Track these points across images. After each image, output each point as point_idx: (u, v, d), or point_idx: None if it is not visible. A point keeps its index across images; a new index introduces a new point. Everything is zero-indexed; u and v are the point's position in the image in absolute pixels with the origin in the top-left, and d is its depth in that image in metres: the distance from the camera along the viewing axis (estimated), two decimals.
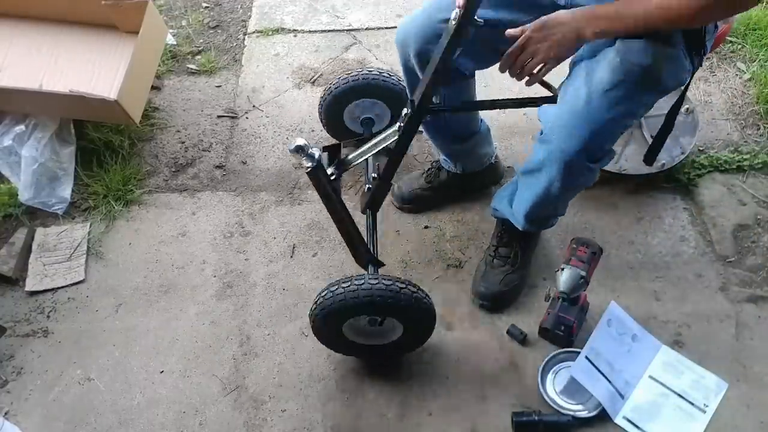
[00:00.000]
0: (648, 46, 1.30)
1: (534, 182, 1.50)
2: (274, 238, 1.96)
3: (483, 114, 1.90)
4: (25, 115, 2.07)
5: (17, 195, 2.02)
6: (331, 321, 1.50)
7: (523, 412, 1.58)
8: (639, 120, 1.99)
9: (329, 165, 1.62)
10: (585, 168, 1.42)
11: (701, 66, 1.47)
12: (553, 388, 1.63)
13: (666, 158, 1.93)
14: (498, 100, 1.54)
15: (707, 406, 1.58)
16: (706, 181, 1.99)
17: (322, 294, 1.49)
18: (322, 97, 1.95)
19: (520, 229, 1.70)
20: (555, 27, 1.27)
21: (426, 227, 1.95)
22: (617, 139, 1.47)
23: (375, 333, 1.60)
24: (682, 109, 2.03)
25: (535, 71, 1.32)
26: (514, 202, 1.66)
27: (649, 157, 1.72)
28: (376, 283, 1.44)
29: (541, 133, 1.45)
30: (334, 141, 2.05)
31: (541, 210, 1.59)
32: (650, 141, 1.96)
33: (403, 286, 1.47)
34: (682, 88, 1.48)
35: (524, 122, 2.17)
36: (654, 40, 1.30)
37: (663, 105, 2.04)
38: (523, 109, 2.13)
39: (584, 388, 1.59)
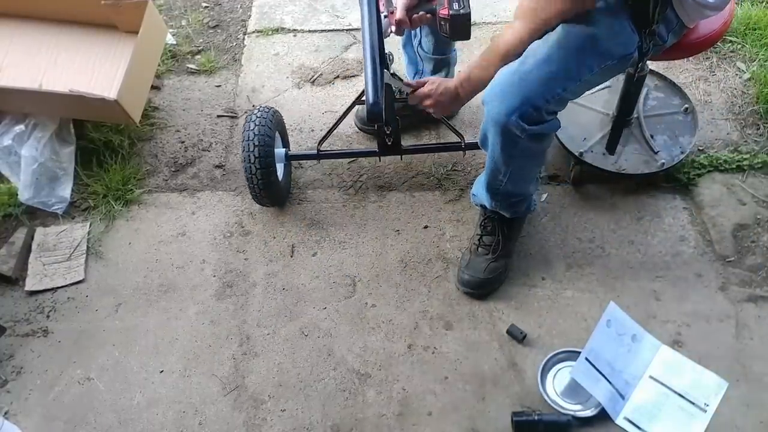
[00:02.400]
0: (591, 18, 1.42)
1: (488, 152, 1.61)
2: (274, 237, 1.96)
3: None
4: (25, 115, 2.07)
5: (17, 195, 2.02)
6: None
7: (523, 412, 1.58)
8: (635, 113, 1.98)
9: None
10: (520, 130, 1.46)
11: (657, 48, 1.56)
12: (553, 388, 1.63)
13: (666, 158, 1.93)
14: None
15: (708, 405, 1.58)
16: (706, 180, 1.99)
17: None
18: (254, 161, 1.79)
19: (489, 208, 1.77)
20: (440, 92, 1.60)
21: (426, 227, 1.95)
22: (562, 102, 1.50)
23: None
24: (681, 109, 2.03)
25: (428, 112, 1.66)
26: (480, 184, 1.76)
27: (611, 146, 1.87)
28: None
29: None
30: None
31: (494, 180, 1.66)
32: (650, 140, 1.96)
33: None
34: (637, 66, 1.59)
35: None
36: (598, 12, 1.42)
37: (659, 104, 2.06)
38: None
39: (584, 388, 1.59)
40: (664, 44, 1.56)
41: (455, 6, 1.53)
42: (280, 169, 1.92)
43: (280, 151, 1.93)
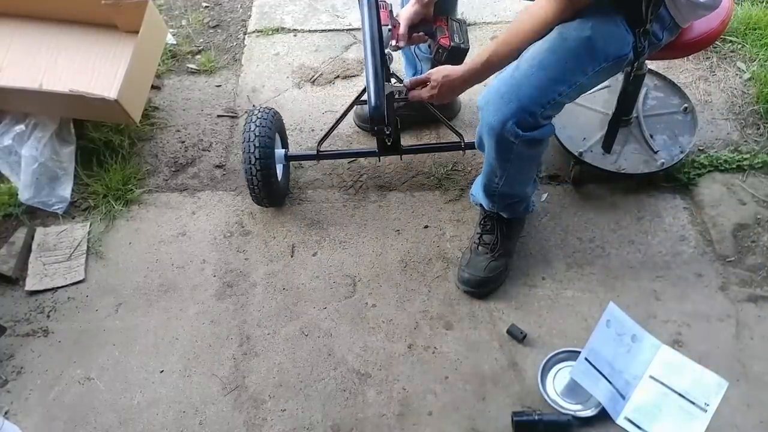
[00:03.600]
0: (586, 20, 1.42)
1: (484, 156, 1.61)
2: (274, 237, 1.96)
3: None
4: (25, 115, 2.07)
5: (17, 194, 2.02)
6: None
7: (523, 412, 1.58)
8: (634, 113, 1.99)
9: None
10: (515, 136, 1.46)
11: (653, 47, 1.56)
12: (553, 387, 1.63)
13: (665, 157, 1.93)
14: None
15: (708, 405, 1.58)
16: (706, 180, 1.99)
17: None
18: (254, 162, 1.80)
19: (486, 209, 1.78)
20: (443, 86, 1.54)
21: (426, 227, 1.95)
22: (557, 107, 1.50)
23: None
24: (681, 109, 2.03)
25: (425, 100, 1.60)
26: (477, 186, 1.77)
27: (606, 143, 1.87)
28: None
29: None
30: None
31: (490, 183, 1.67)
32: (649, 140, 1.96)
33: None
34: (634, 66, 1.58)
35: None
36: (591, 14, 1.42)
37: (659, 104, 2.06)
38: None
39: (584, 388, 1.59)
40: (659, 42, 1.56)
41: (456, 39, 1.61)
42: (279, 169, 1.92)
43: (279, 151, 1.94)
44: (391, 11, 1.65)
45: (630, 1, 1.44)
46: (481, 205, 1.83)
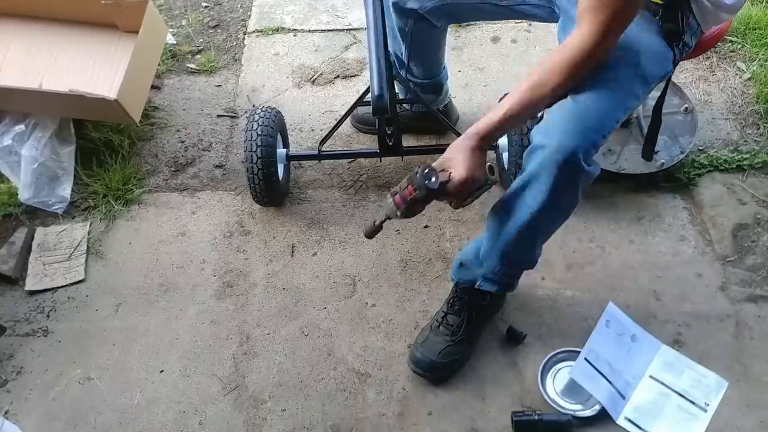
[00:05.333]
0: (631, 46, 1.35)
1: (518, 205, 1.41)
2: (274, 237, 1.96)
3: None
4: (25, 115, 2.07)
5: (17, 194, 2.02)
6: None
7: (523, 412, 1.58)
8: (634, 113, 1.99)
9: None
10: (581, 171, 1.33)
11: (684, 57, 1.52)
12: (553, 387, 1.63)
13: (665, 158, 1.93)
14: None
15: (708, 405, 1.58)
16: (706, 180, 1.99)
17: None
18: (255, 161, 1.79)
19: (466, 283, 1.63)
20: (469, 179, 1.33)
21: (426, 227, 1.95)
22: (608, 138, 1.42)
23: None
24: (681, 109, 2.03)
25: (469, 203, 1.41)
26: (482, 250, 1.57)
27: (647, 153, 1.75)
28: None
29: (530, 148, 1.36)
30: None
31: (521, 241, 1.47)
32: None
33: None
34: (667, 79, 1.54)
35: None
36: (635, 38, 1.35)
37: (663, 104, 2.05)
38: None
39: (584, 388, 1.59)
40: (689, 50, 1.52)
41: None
42: (280, 169, 1.92)
43: (281, 151, 1.94)
44: None
45: (665, 16, 1.40)
46: (459, 282, 1.66)
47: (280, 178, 1.92)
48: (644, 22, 1.39)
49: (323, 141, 1.93)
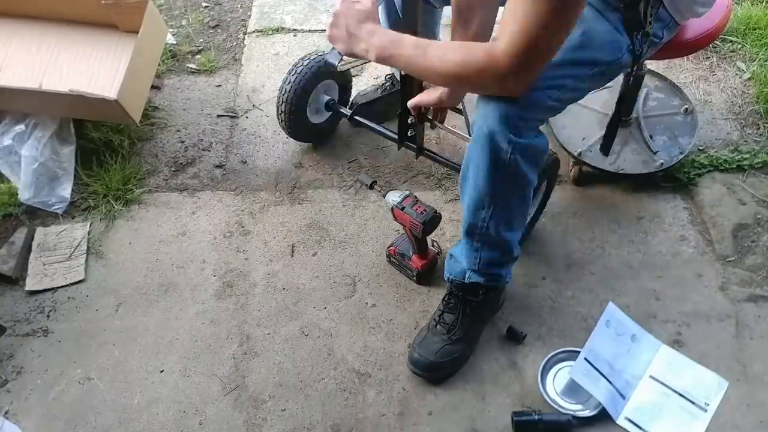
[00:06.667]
0: (578, 26, 1.31)
1: (467, 182, 1.44)
2: (274, 237, 1.96)
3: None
4: (25, 115, 2.07)
5: (17, 194, 2.02)
6: None
7: (523, 412, 1.58)
8: (634, 113, 1.99)
9: None
10: (507, 140, 1.31)
11: (653, 46, 1.51)
12: (553, 387, 1.63)
13: (665, 158, 1.93)
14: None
15: (708, 405, 1.58)
16: (706, 180, 1.99)
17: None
18: (285, 100, 1.96)
19: (458, 277, 1.63)
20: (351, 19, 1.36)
21: None
22: (545, 114, 1.42)
23: None
24: (681, 110, 2.04)
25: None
26: (461, 240, 1.60)
27: (605, 147, 1.76)
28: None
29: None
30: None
31: (475, 219, 1.48)
32: (649, 140, 1.96)
33: None
34: (633, 68, 1.52)
35: None
36: (584, 18, 1.33)
37: (659, 105, 2.06)
38: None
39: (584, 388, 1.59)
40: (660, 42, 1.54)
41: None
42: (321, 115, 2.07)
43: (324, 96, 2.04)
44: None
45: (627, 4, 1.40)
46: (451, 280, 1.67)
47: (316, 121, 2.07)
48: (600, 6, 1.39)
49: (361, 107, 1.99)
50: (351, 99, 2.17)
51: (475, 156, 1.38)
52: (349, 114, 2.00)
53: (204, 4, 2.67)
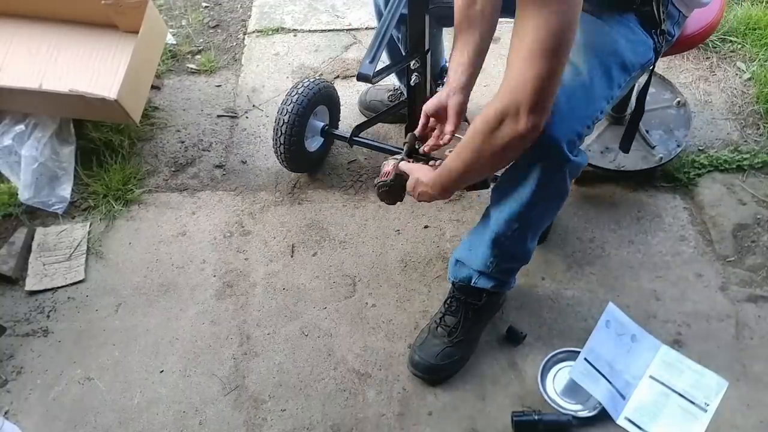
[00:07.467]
0: (609, 35, 1.38)
1: (508, 195, 1.42)
2: (274, 237, 1.96)
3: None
4: (25, 115, 2.07)
5: (17, 194, 2.02)
6: None
7: (523, 412, 1.58)
8: (629, 109, 1.99)
9: None
10: (566, 161, 1.31)
11: (669, 48, 1.56)
12: (553, 387, 1.63)
13: (663, 152, 1.93)
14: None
15: (708, 405, 1.58)
16: (706, 180, 1.99)
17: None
18: (283, 131, 1.88)
19: (464, 281, 1.61)
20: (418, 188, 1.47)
21: (426, 227, 1.95)
22: (592, 129, 1.41)
23: None
24: (673, 103, 2.04)
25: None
26: (474, 238, 1.57)
27: (625, 144, 1.73)
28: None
29: None
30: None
31: (506, 229, 1.46)
32: (646, 136, 1.96)
33: None
34: (651, 67, 1.55)
35: None
36: (609, 23, 1.40)
37: (651, 99, 2.06)
38: None
39: (584, 388, 1.59)
40: (672, 39, 1.56)
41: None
42: (312, 141, 2.01)
43: (318, 123, 2.00)
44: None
45: (641, 4, 1.42)
46: (455, 282, 1.65)
47: (311, 149, 2.01)
48: (620, 11, 1.42)
49: (359, 128, 1.94)
50: (363, 91, 2.21)
51: (523, 176, 1.36)
52: (348, 137, 1.94)
53: (204, 4, 2.68)
